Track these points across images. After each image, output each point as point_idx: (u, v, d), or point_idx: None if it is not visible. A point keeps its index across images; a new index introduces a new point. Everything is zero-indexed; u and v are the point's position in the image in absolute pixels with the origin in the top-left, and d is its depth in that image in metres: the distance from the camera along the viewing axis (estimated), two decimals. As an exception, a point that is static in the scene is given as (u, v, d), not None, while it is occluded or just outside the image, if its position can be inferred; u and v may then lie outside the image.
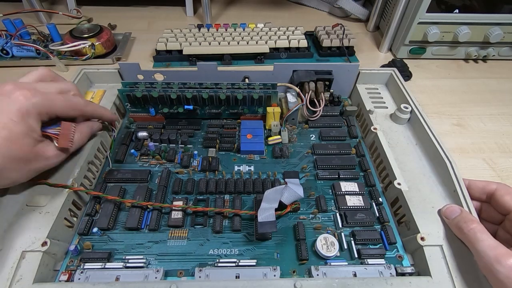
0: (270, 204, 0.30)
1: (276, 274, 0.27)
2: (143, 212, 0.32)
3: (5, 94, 0.26)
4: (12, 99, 0.26)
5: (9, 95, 0.26)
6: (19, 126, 0.25)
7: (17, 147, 0.25)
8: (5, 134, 0.25)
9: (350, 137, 0.42)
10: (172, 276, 0.28)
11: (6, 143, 0.25)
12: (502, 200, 0.28)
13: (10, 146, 0.25)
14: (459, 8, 0.57)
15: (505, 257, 0.23)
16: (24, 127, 0.26)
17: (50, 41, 0.63)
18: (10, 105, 0.25)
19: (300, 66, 0.43)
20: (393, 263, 0.29)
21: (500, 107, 0.55)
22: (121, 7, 0.82)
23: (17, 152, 0.25)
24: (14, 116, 0.25)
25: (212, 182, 0.35)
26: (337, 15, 0.82)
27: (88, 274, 0.27)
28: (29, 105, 0.26)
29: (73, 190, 0.31)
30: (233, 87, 0.40)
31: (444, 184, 0.33)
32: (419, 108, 0.39)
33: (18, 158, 0.26)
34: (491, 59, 0.65)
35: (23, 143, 0.26)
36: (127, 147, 0.39)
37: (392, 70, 0.45)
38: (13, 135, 0.25)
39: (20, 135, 0.26)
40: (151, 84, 0.40)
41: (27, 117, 0.26)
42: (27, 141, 0.26)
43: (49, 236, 0.27)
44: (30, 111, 0.26)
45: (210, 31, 0.64)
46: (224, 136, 0.41)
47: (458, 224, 0.27)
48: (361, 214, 0.32)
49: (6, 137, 0.25)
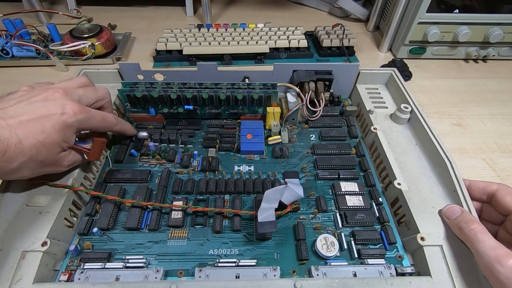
0: (270, 204, 0.30)
1: (276, 274, 0.27)
2: (143, 212, 0.32)
3: (55, 100, 0.27)
4: (61, 109, 0.27)
5: (59, 102, 0.27)
6: (57, 135, 0.26)
7: (45, 153, 0.26)
8: (42, 138, 0.26)
9: (350, 137, 0.42)
10: (172, 276, 0.28)
11: (39, 146, 0.25)
12: (503, 200, 0.28)
13: (40, 149, 0.26)
14: (459, 8, 0.57)
15: (506, 258, 0.23)
16: (61, 137, 0.27)
17: (50, 41, 0.63)
18: (57, 114, 0.26)
19: (300, 66, 0.43)
20: (393, 263, 0.29)
21: (500, 107, 0.55)
22: (121, 7, 0.82)
23: (43, 157, 0.26)
24: (57, 125, 0.26)
25: (212, 182, 0.35)
26: (337, 15, 0.82)
27: (88, 274, 0.27)
28: (74, 120, 0.27)
29: (73, 190, 0.31)
30: (233, 87, 0.40)
31: (444, 184, 0.33)
32: (419, 108, 0.39)
33: (40, 161, 0.26)
34: (491, 59, 0.65)
35: (52, 151, 0.27)
36: (127, 147, 0.39)
37: (392, 70, 0.45)
38: (48, 141, 0.26)
39: (54, 143, 0.27)
40: (151, 84, 0.40)
41: (68, 129, 0.27)
42: (56, 149, 0.27)
43: (49, 236, 0.27)
44: (73, 125, 0.28)
45: (210, 31, 0.65)
46: (224, 136, 0.41)
47: (459, 225, 0.27)
48: (361, 214, 0.32)
49: (41, 140, 0.25)
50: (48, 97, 0.27)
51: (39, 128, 0.25)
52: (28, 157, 0.25)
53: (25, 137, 0.25)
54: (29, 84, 0.30)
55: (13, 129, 0.24)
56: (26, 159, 0.25)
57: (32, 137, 0.25)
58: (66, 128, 0.27)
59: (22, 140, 0.24)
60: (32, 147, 0.25)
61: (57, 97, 0.27)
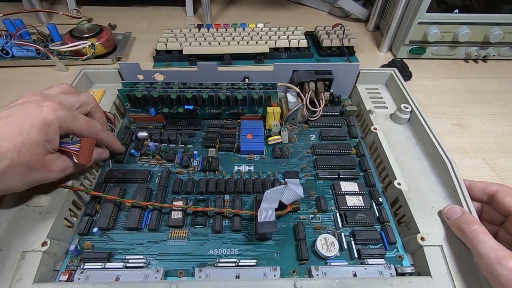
0: (270, 204, 0.30)
1: (276, 274, 0.27)
2: (143, 212, 0.32)
3: (33, 102, 0.26)
4: (39, 108, 0.26)
5: (37, 103, 0.26)
6: (38, 135, 0.25)
7: (28, 154, 0.25)
8: (22, 139, 0.25)
9: (350, 137, 0.42)
10: (172, 276, 0.28)
11: (19, 147, 0.25)
12: (503, 201, 0.28)
13: (22, 151, 0.25)
14: (459, 8, 0.57)
15: (507, 259, 0.22)
16: (42, 137, 0.26)
17: (50, 41, 0.63)
18: (35, 113, 0.26)
19: (300, 66, 0.43)
20: (393, 263, 0.29)
21: (500, 107, 0.55)
22: (121, 7, 0.82)
23: (26, 159, 0.25)
24: (37, 124, 0.25)
25: (212, 182, 0.35)
26: (337, 15, 0.82)
27: (88, 274, 0.27)
28: (54, 117, 0.26)
29: (73, 190, 0.31)
30: (233, 87, 0.40)
31: (444, 184, 0.33)
32: (419, 108, 0.39)
33: (25, 165, 0.25)
34: (491, 59, 0.65)
35: (36, 152, 0.26)
36: (127, 147, 0.39)
37: (392, 70, 0.45)
38: (30, 141, 0.25)
39: (36, 144, 0.25)
40: (151, 84, 0.40)
41: (49, 127, 0.26)
42: (40, 150, 0.26)
43: (49, 236, 0.27)
44: (54, 122, 0.26)
45: (210, 31, 0.64)
46: (224, 136, 0.41)
47: (459, 225, 0.27)
48: (361, 214, 0.32)
49: (21, 141, 0.25)
50: (26, 100, 0.27)
51: (17, 129, 0.25)
52: (9, 160, 0.24)
53: (2, 140, 0.24)
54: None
55: None
56: (7, 163, 0.24)
57: (11, 139, 0.24)
58: (47, 126, 0.26)
59: (0, 142, 0.24)
60: (11, 149, 0.24)
61: (35, 99, 0.27)
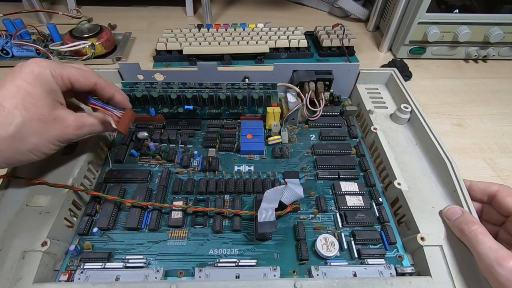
0: (270, 204, 0.30)
1: (276, 274, 0.27)
2: (143, 212, 0.32)
3: (17, 67, 0.27)
4: (23, 66, 0.27)
5: (20, 65, 0.27)
6: (36, 86, 0.26)
7: (35, 108, 0.26)
8: (22, 95, 0.25)
9: (350, 137, 0.42)
10: (172, 276, 0.28)
11: (24, 103, 0.25)
12: (504, 201, 0.28)
13: (28, 106, 0.25)
14: (459, 8, 0.57)
15: (506, 259, 0.23)
16: (42, 87, 0.26)
17: (50, 41, 0.63)
18: (22, 70, 0.26)
19: (300, 66, 0.43)
20: (393, 263, 0.29)
21: (500, 107, 0.55)
22: (121, 7, 0.82)
23: (36, 113, 0.26)
24: (27, 78, 0.26)
25: (212, 182, 0.35)
26: (337, 15, 0.82)
27: (88, 274, 0.27)
28: (40, 68, 0.27)
29: (73, 190, 0.31)
30: (233, 87, 0.40)
31: (444, 184, 0.33)
32: (419, 108, 0.39)
33: (37, 120, 0.26)
34: (491, 59, 0.65)
35: (41, 104, 0.26)
36: (127, 147, 0.39)
37: (392, 70, 0.45)
38: (30, 95, 0.25)
39: (37, 96, 0.26)
40: (151, 84, 0.40)
41: (40, 78, 0.26)
42: (46, 102, 0.26)
43: (49, 236, 0.27)
44: (42, 72, 0.27)
45: (210, 31, 0.65)
46: (224, 136, 0.41)
47: (459, 226, 0.27)
48: (361, 214, 0.32)
49: (23, 97, 0.25)
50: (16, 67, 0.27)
51: (12, 89, 0.25)
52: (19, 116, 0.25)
53: (3, 100, 0.25)
54: None
55: None
56: (19, 119, 0.25)
57: (12, 98, 0.25)
58: (37, 77, 0.26)
59: (2, 102, 0.25)
60: (16, 105, 0.25)
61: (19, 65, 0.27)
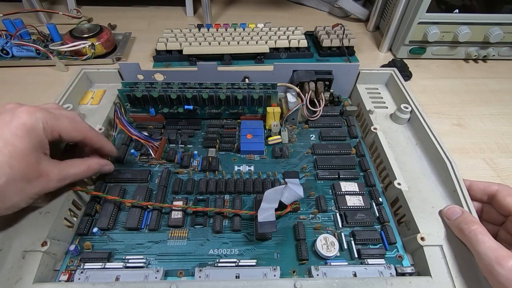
0: (270, 204, 0.30)
1: (276, 274, 0.27)
2: (143, 212, 0.32)
3: (7, 111, 0.25)
4: (15, 115, 0.24)
5: (11, 111, 0.25)
6: (25, 141, 0.24)
7: (20, 165, 0.24)
8: (9, 151, 0.23)
9: (350, 137, 0.42)
10: (172, 276, 0.28)
11: (9, 160, 0.23)
12: (504, 201, 0.28)
13: (13, 164, 0.23)
14: (459, 8, 0.57)
15: (506, 259, 0.23)
16: (28, 143, 0.24)
17: (50, 41, 0.63)
18: (13, 121, 0.24)
19: (300, 66, 0.43)
20: (393, 263, 0.29)
21: (500, 107, 0.55)
22: (121, 7, 0.82)
23: (20, 171, 0.24)
24: (18, 131, 0.24)
25: (212, 182, 0.35)
26: (337, 15, 0.82)
27: (88, 274, 0.27)
28: (33, 120, 0.25)
29: (73, 190, 0.31)
30: (233, 87, 0.40)
31: (444, 184, 0.33)
32: (419, 108, 0.39)
33: (21, 178, 0.24)
34: (491, 59, 0.65)
35: (26, 161, 0.24)
36: (127, 147, 0.39)
37: (392, 70, 0.45)
38: (17, 151, 0.23)
39: (24, 152, 0.24)
40: (151, 84, 0.40)
41: (31, 132, 0.24)
42: (31, 158, 0.24)
43: (49, 236, 0.27)
44: (36, 125, 0.25)
45: (210, 31, 0.64)
46: (224, 136, 0.41)
47: (459, 226, 0.27)
48: (361, 214, 0.32)
49: (9, 154, 0.23)
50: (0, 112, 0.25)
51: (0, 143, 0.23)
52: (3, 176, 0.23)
53: None
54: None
55: None
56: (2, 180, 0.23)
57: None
58: (29, 131, 0.24)
59: None
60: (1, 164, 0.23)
61: (9, 108, 0.25)
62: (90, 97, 0.43)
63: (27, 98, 0.53)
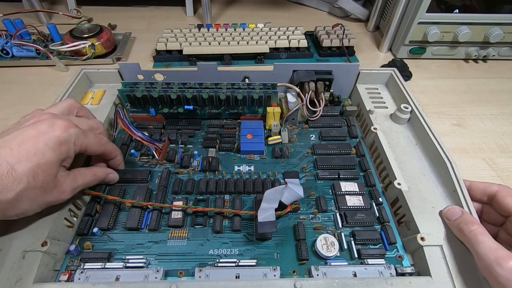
0: (270, 204, 0.30)
1: (276, 274, 0.27)
2: (143, 212, 0.32)
3: (44, 121, 0.26)
4: (52, 127, 0.26)
5: (49, 122, 0.26)
6: (53, 154, 0.25)
7: (43, 176, 0.25)
8: (37, 160, 0.24)
9: (350, 137, 0.42)
10: (172, 276, 0.28)
11: (35, 169, 0.24)
12: (504, 202, 0.28)
13: (37, 173, 0.24)
14: (459, 8, 0.57)
15: (506, 259, 0.23)
16: (57, 156, 0.25)
17: (50, 41, 0.63)
18: (49, 132, 0.25)
19: (300, 66, 0.43)
20: (393, 263, 0.29)
21: (500, 107, 0.55)
22: (121, 7, 0.82)
23: (41, 181, 0.25)
24: (51, 143, 0.25)
25: (212, 182, 0.35)
26: (337, 15, 0.82)
27: (88, 274, 0.27)
28: (67, 135, 0.26)
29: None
30: (233, 87, 0.40)
31: (444, 184, 0.33)
32: (419, 108, 0.39)
33: (39, 187, 0.25)
34: (491, 59, 0.65)
35: (50, 172, 0.25)
36: (127, 147, 0.39)
37: (392, 70, 0.45)
38: (44, 162, 0.24)
39: (51, 164, 0.25)
40: (151, 84, 0.40)
41: (63, 146, 0.26)
42: (54, 170, 0.25)
43: (49, 236, 0.27)
44: (68, 140, 0.26)
45: (210, 31, 0.64)
46: (224, 136, 0.41)
47: (459, 226, 0.27)
48: (361, 214, 0.32)
49: (37, 163, 0.24)
50: (37, 120, 0.26)
51: (31, 150, 0.24)
52: (25, 183, 0.23)
53: (17, 163, 0.23)
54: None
55: (2, 157, 0.23)
56: (23, 186, 0.23)
57: (25, 161, 0.24)
58: (61, 144, 0.26)
59: (15, 165, 0.23)
60: (27, 171, 0.23)
61: (46, 118, 0.26)
62: (90, 97, 0.43)
63: (27, 98, 0.53)
